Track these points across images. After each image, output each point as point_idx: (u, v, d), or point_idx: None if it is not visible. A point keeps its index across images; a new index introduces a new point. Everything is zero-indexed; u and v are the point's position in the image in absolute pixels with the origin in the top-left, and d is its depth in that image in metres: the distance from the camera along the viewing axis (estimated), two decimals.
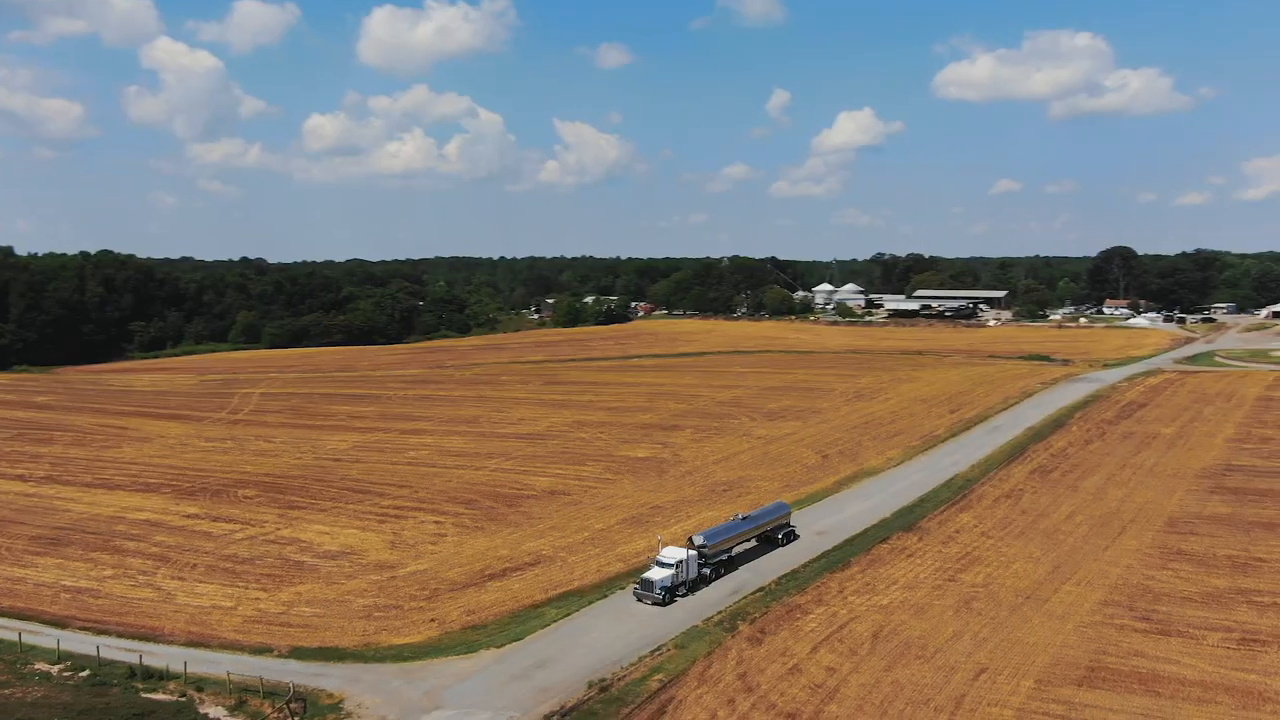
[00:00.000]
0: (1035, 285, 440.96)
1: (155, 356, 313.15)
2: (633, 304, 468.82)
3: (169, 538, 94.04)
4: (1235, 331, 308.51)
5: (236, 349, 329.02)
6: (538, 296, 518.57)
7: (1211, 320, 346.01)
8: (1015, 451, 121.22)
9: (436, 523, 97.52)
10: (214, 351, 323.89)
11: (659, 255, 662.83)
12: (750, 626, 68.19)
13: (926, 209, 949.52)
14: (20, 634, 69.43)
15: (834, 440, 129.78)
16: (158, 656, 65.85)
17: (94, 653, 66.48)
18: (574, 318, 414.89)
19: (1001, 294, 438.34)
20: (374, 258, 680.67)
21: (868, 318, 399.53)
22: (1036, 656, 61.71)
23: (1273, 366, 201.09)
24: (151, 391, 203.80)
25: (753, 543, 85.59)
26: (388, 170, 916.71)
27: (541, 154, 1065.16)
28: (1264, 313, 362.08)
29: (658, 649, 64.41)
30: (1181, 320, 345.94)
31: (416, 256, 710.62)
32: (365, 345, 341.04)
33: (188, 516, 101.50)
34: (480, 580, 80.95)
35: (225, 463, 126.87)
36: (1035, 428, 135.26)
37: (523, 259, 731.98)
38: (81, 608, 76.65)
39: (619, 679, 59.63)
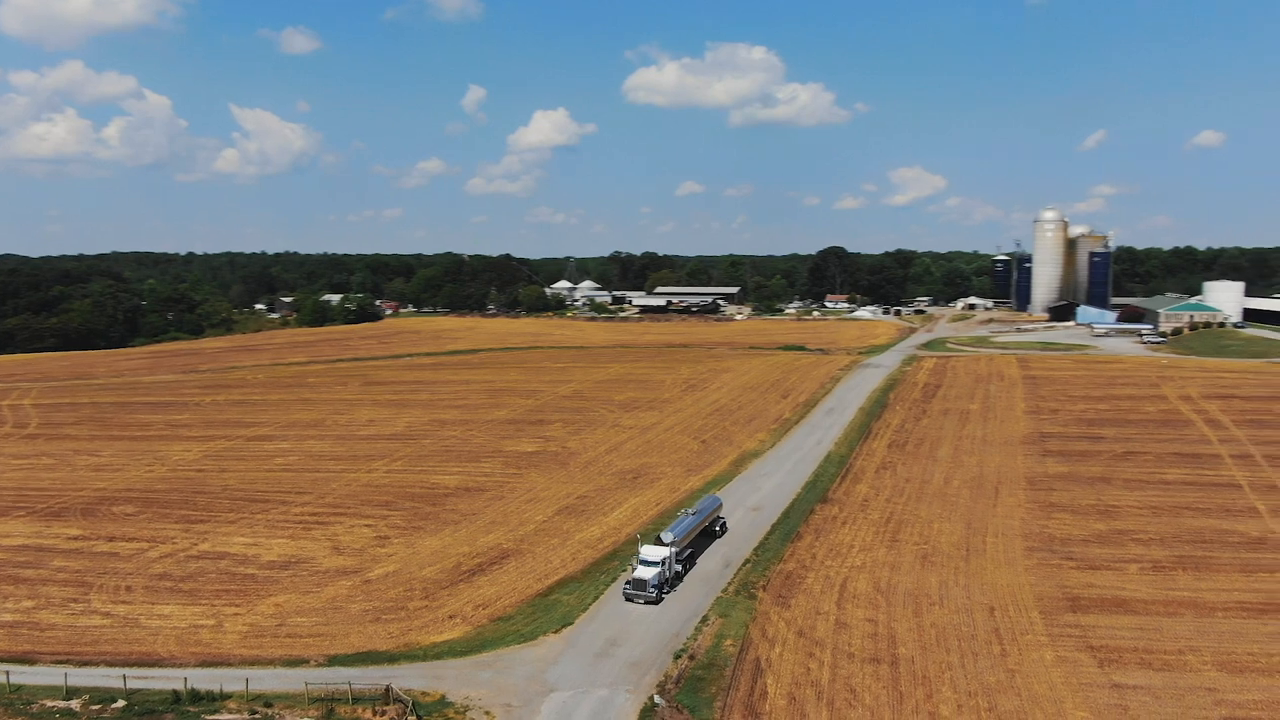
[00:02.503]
0: (765, 282, 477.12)
1: None
2: (376, 301, 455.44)
3: (71, 562, 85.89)
4: (945, 322, 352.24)
5: None
6: (268, 295, 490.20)
7: (923, 312, 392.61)
8: (863, 430, 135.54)
9: (368, 526, 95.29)
10: None
11: (351, 251, 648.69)
12: (766, 594, 74.42)
13: (617, 208, 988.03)
14: (8, 674, 62.05)
15: (701, 427, 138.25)
16: (173, 680, 61.73)
17: (100, 684, 61.33)
18: (321, 317, 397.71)
19: (735, 290, 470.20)
20: (26, 253, 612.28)
21: (621, 314, 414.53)
22: (1019, 594, 72.80)
23: (1001, 350, 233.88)
24: None
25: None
26: (32, 154, 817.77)
27: (218, 142, 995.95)
28: (960, 305, 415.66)
29: (704, 619, 68.97)
30: (898, 312, 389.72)
31: (74, 252, 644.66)
32: (85, 350, 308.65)
33: (74, 539, 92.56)
34: (462, 576, 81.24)
35: (64, 480, 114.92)
36: (865, 408, 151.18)
37: (220, 254, 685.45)
38: (34, 641, 69.52)
39: (697, 648, 63.78)
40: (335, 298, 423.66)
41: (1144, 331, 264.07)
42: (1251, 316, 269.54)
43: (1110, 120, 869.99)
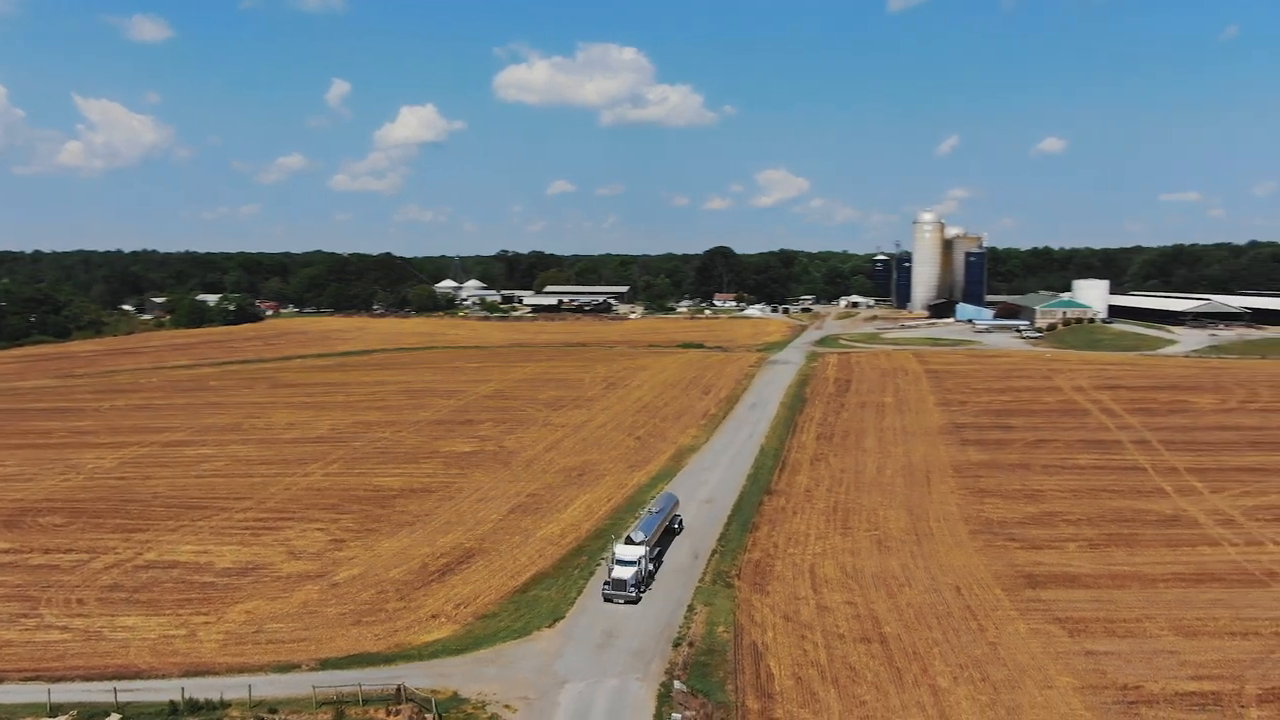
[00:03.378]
0: (654, 281, 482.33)
1: None
2: (255, 301, 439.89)
3: (8, 576, 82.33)
4: (832, 319, 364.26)
5: None
6: (135, 296, 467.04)
7: (809, 310, 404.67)
8: (788, 423, 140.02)
9: (320, 530, 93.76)
10: None
11: (212, 250, 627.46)
12: (743, 582, 76.98)
13: (488, 207, 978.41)
14: None
15: (633, 424, 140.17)
16: (161, 691, 60.12)
17: (84, 699, 59.19)
18: (198, 318, 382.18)
19: (625, 289, 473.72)
20: None
21: (514, 313, 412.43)
22: (977, 574, 77.46)
23: (894, 346, 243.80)
24: None
25: None
26: None
27: (60, 134, 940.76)
28: (843, 303, 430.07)
29: (691, 609, 70.93)
30: (786, 310, 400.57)
31: None
32: None
33: (2, 552, 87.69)
34: (432, 576, 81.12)
35: None
36: (785, 403, 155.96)
37: (73, 252, 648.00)
38: None
39: (694, 636, 65.68)
40: (212, 298, 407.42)
41: (1021, 327, 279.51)
42: (1115, 312, 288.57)
43: (963, 126, 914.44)
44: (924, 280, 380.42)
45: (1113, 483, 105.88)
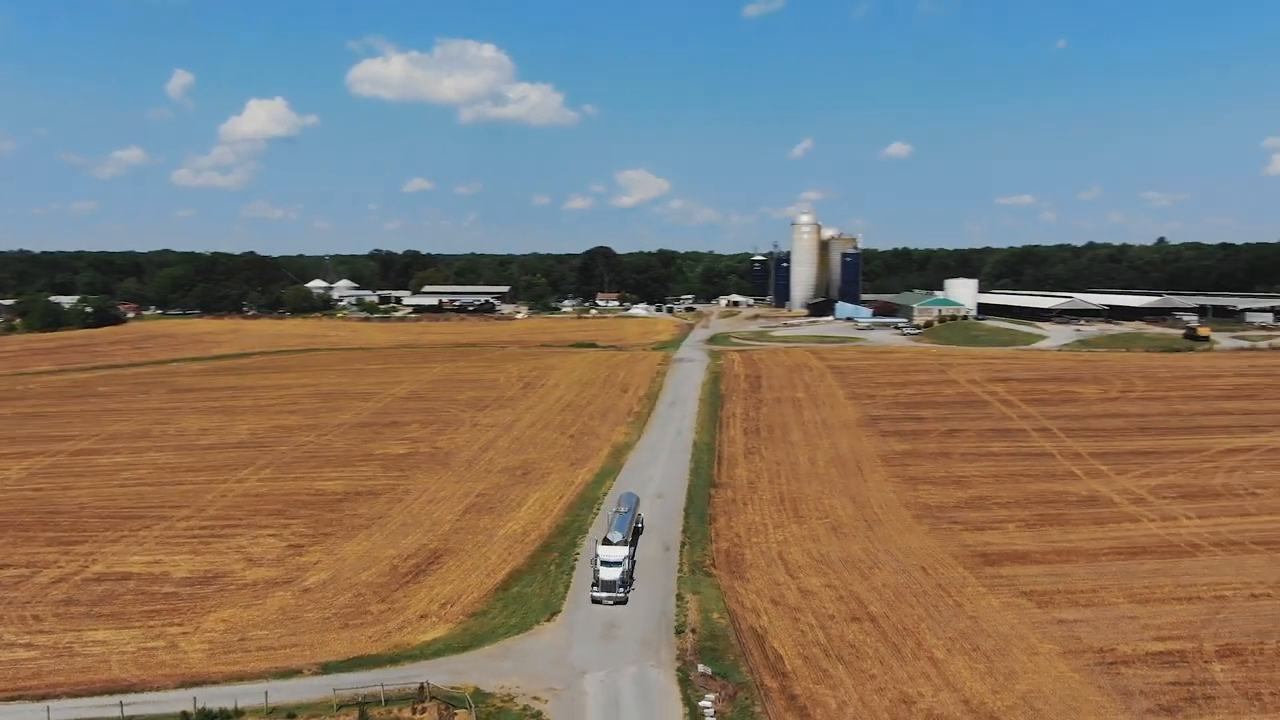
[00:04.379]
0: (535, 281, 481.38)
1: None
2: (114, 303, 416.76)
3: None
4: (716, 318, 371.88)
5: None
6: None
7: (693, 309, 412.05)
8: (713, 419, 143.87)
9: (273, 536, 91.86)
10: None
11: (46, 249, 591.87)
12: (720, 570, 79.83)
13: (341, 204, 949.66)
14: None
15: (562, 423, 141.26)
16: (165, 703, 58.77)
17: (85, 715, 57.35)
18: (54, 321, 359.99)
19: (506, 289, 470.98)
20: None
21: (395, 314, 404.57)
22: (936, 555, 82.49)
23: (787, 344, 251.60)
24: None
25: None
26: None
27: None
28: (724, 302, 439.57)
29: (680, 598, 73.27)
30: (670, 310, 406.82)
31: None
32: None
33: None
34: (405, 578, 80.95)
35: None
36: (703, 399, 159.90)
37: None
38: None
39: (693, 623, 68.03)
40: (66, 300, 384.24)
41: (900, 324, 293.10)
42: (984, 309, 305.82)
43: (816, 130, 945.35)
44: (802, 280, 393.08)
45: (1027, 468, 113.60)
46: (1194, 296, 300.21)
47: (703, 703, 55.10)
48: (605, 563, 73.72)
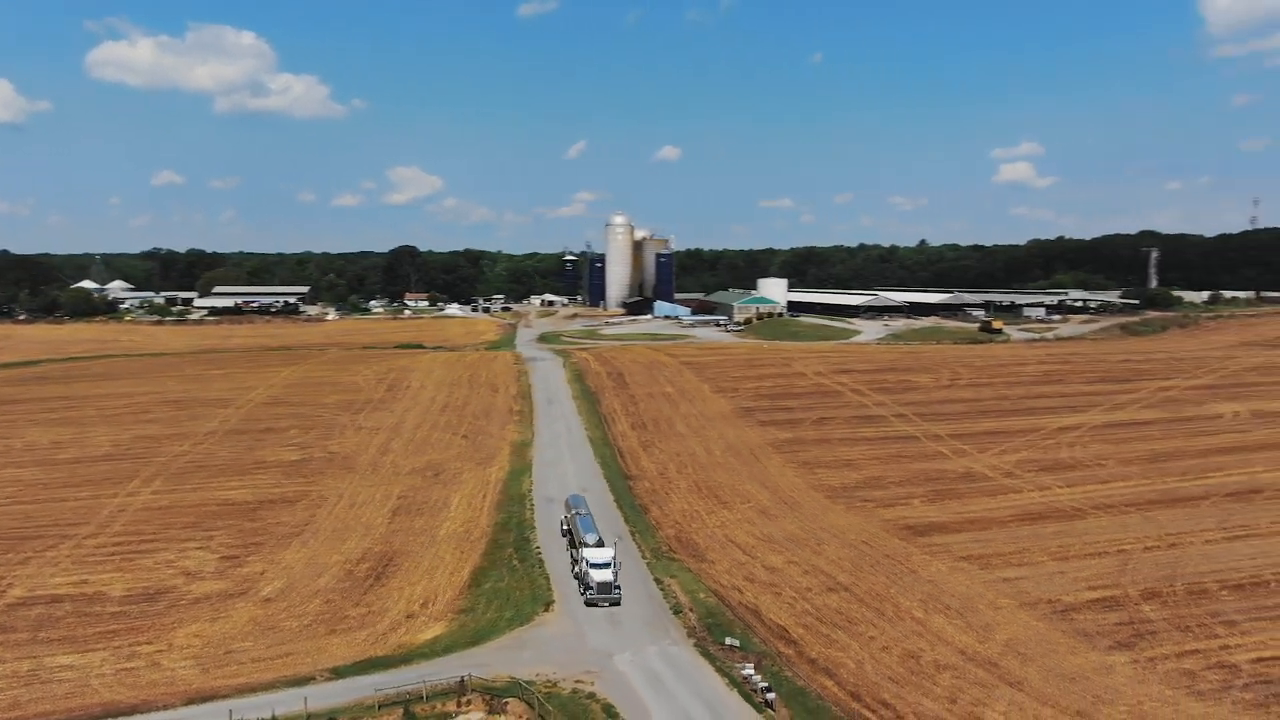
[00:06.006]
0: (338, 281, 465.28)
1: None
2: None
3: None
4: (535, 317, 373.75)
5: None
6: None
7: (509, 309, 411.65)
8: (595, 415, 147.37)
9: (200, 548, 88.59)
10: None
11: None
12: (683, 555, 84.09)
13: (78, 198, 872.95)
14: None
15: (449, 423, 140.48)
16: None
17: None
18: None
19: (306, 290, 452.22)
20: None
21: (189, 317, 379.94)
22: (866, 530, 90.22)
23: (623, 341, 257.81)
24: None
25: None
26: None
27: None
28: (538, 301, 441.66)
29: (659, 582, 77.01)
30: (488, 310, 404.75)
31: None
32: None
33: None
34: (367, 581, 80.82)
35: None
36: (576, 396, 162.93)
37: None
38: None
39: (687, 603, 71.95)
40: None
41: (722, 321, 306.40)
42: (793, 307, 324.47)
43: (590, 132, 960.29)
44: (618, 279, 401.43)
45: (901, 450, 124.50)
46: (979, 294, 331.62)
47: (746, 671, 59.05)
48: (595, 565, 73.21)
